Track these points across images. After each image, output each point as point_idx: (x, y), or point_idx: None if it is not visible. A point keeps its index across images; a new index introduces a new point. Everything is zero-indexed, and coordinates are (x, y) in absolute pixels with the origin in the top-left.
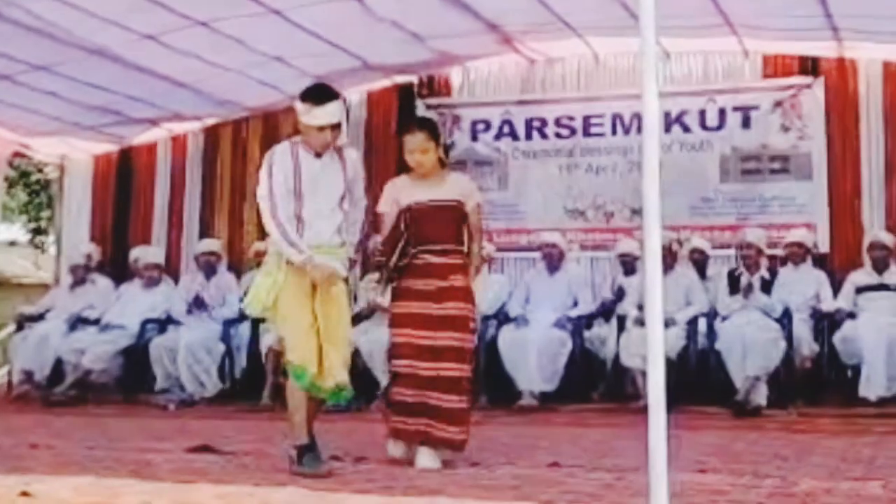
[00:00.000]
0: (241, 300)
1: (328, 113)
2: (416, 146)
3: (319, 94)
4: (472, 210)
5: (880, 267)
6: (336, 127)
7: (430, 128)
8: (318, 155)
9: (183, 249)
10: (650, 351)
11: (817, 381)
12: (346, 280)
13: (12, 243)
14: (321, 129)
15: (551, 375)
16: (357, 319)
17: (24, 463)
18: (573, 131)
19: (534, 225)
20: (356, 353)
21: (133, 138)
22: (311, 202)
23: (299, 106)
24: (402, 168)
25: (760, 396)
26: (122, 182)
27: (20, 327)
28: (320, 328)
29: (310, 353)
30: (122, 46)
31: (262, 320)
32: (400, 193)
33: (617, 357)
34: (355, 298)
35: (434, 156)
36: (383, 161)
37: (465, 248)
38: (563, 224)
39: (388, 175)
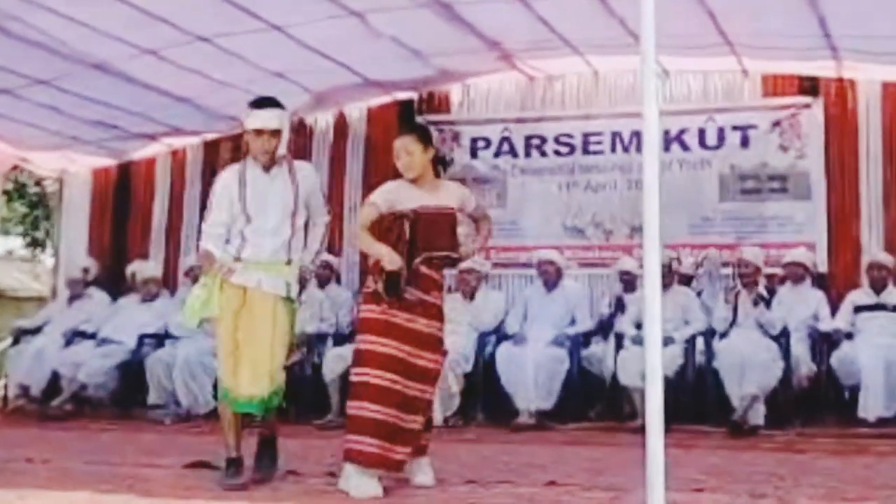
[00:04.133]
0: None
1: (264, 117)
2: (402, 147)
3: (260, 101)
4: (475, 210)
5: (879, 287)
6: (275, 134)
7: (418, 131)
8: (267, 169)
9: (181, 264)
10: (648, 370)
11: (815, 401)
12: (290, 298)
13: (10, 252)
14: (258, 132)
15: (548, 393)
16: (353, 336)
17: (19, 477)
18: (572, 149)
19: (532, 242)
20: (346, 373)
21: (132, 153)
22: (257, 219)
23: (245, 112)
24: None
25: (758, 416)
26: (121, 196)
27: (17, 341)
28: (247, 344)
29: (231, 368)
30: (122, 61)
31: None
32: (399, 195)
33: (615, 375)
34: (352, 313)
35: (420, 159)
36: (382, 177)
37: (457, 255)
38: (562, 241)
39: None
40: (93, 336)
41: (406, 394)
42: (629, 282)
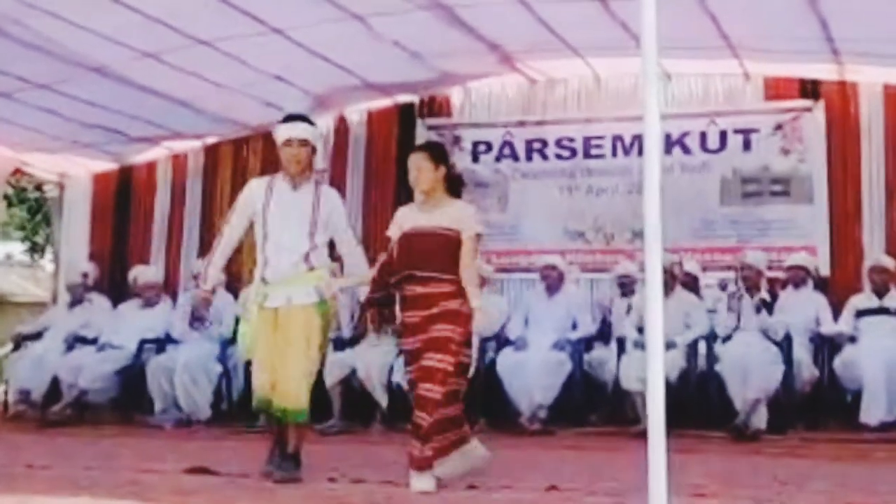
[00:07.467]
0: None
1: (290, 128)
2: (413, 164)
3: (286, 117)
4: (468, 239)
5: (881, 291)
6: (304, 143)
7: (431, 149)
8: (295, 187)
9: (182, 269)
10: (650, 374)
11: (817, 406)
12: (324, 302)
13: (9, 256)
14: (287, 143)
15: (550, 398)
16: (354, 341)
17: (20, 483)
18: (574, 152)
19: (534, 246)
20: (352, 375)
21: (133, 157)
22: (276, 235)
23: (274, 132)
24: (402, 188)
25: (760, 420)
26: (122, 201)
27: (17, 346)
28: (282, 358)
29: (265, 379)
30: (123, 65)
31: None
32: (403, 219)
33: (617, 380)
34: (352, 318)
35: (431, 176)
36: (383, 181)
37: (451, 276)
38: (563, 246)
39: (388, 195)
40: (93, 341)
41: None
42: (627, 286)
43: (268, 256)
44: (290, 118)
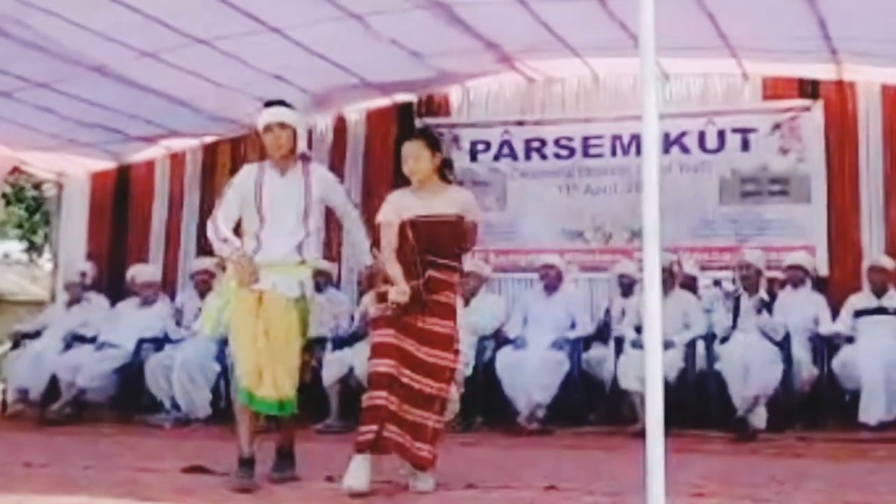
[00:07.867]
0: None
1: (269, 113)
2: (410, 153)
3: (264, 104)
4: (470, 225)
5: (879, 290)
6: (282, 127)
7: (427, 136)
8: (283, 172)
9: (180, 268)
10: (648, 374)
11: (816, 405)
12: (304, 298)
13: (6, 255)
14: (267, 128)
15: (548, 395)
16: (352, 340)
17: (18, 482)
18: (572, 152)
19: (532, 246)
20: (350, 374)
21: (131, 155)
22: (270, 220)
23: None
24: (400, 187)
25: (759, 420)
26: (120, 200)
27: (16, 345)
28: (267, 346)
29: (253, 370)
30: (122, 64)
31: None
32: (399, 206)
33: (615, 379)
34: (351, 318)
35: (428, 165)
36: (381, 180)
37: (458, 264)
38: (562, 245)
39: (386, 193)
40: (92, 340)
41: (412, 386)
42: (627, 285)
43: (261, 240)
44: (267, 104)
